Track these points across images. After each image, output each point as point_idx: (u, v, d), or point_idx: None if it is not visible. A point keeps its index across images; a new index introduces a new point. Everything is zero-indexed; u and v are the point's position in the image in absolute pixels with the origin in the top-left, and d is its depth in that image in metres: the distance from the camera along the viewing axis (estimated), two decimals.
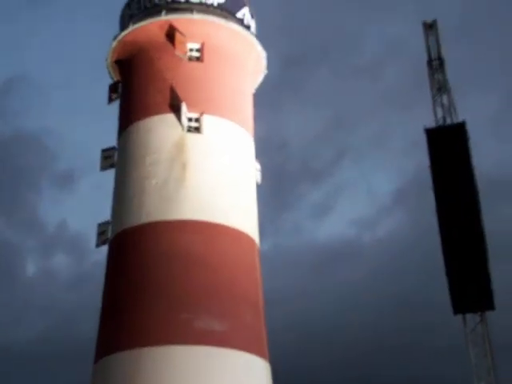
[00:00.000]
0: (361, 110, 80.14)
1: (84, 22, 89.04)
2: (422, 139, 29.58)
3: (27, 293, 72.33)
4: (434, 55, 30.97)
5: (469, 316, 28.60)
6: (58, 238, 79.25)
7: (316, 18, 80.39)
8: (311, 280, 66.89)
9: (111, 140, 35.54)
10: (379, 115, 79.84)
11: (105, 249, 33.46)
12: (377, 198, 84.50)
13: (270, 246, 72.47)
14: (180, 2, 35.24)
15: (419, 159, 35.64)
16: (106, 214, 34.19)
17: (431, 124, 29.93)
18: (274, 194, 75.82)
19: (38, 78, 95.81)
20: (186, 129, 32.62)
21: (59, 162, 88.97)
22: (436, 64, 30.91)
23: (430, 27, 31.21)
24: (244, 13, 36.60)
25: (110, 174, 34.87)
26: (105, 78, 37.51)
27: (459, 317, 28.58)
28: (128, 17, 36.27)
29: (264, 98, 74.31)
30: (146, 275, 30.48)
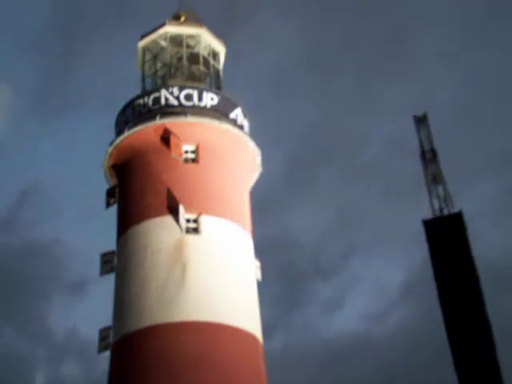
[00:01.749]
0: (366, 206, 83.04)
1: (92, 131, 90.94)
2: None
3: None
4: (426, 147, 31.49)
5: None
6: (68, 345, 78.51)
7: (321, 122, 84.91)
8: (321, 376, 67.21)
9: (111, 244, 35.60)
10: (383, 210, 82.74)
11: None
12: (386, 291, 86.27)
13: (280, 343, 75.00)
14: (174, 106, 35.93)
15: (425, 250, 36.19)
16: None
17: (429, 215, 30.20)
18: (285, 291, 79.51)
19: (51, 189, 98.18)
20: (184, 230, 32.76)
21: (69, 271, 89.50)
22: (429, 156, 31.40)
23: (420, 120, 31.82)
24: (237, 113, 37.29)
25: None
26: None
27: None
28: (123, 122, 36.90)
29: (272, 198, 76.82)
30: (149, 379, 30.02)
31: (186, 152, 35.12)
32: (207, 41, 39.95)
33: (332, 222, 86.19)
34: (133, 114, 36.70)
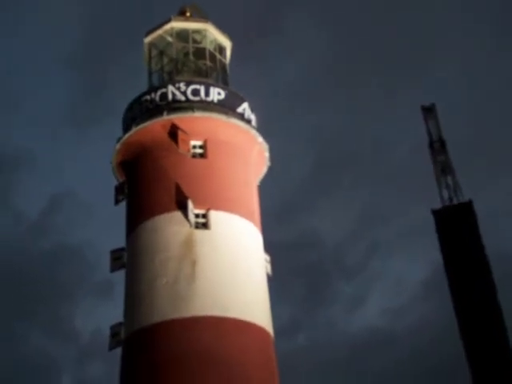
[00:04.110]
0: (387, 205, 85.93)
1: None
2: None
3: None
4: (435, 137, 31.28)
5: None
6: (94, 346, 79.14)
7: (345, 127, 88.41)
8: (346, 372, 68.48)
9: (121, 241, 35.61)
10: (404, 208, 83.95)
11: None
12: (408, 287, 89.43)
13: (305, 341, 77.32)
14: (181, 102, 35.86)
15: None
16: None
17: (439, 205, 30.05)
18: (309, 291, 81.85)
19: (82, 195, 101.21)
20: (193, 225, 32.69)
21: (97, 273, 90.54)
22: (437, 146, 31.20)
23: (428, 110, 31.61)
24: (244, 107, 37.20)
25: None
26: None
27: None
28: (130, 119, 36.86)
29: (297, 200, 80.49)
30: (162, 375, 29.99)
31: (194, 147, 35.06)
32: (213, 35, 39.81)
33: (354, 223, 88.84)
34: (140, 110, 36.63)
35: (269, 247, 36.00)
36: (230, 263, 32.46)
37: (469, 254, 28.47)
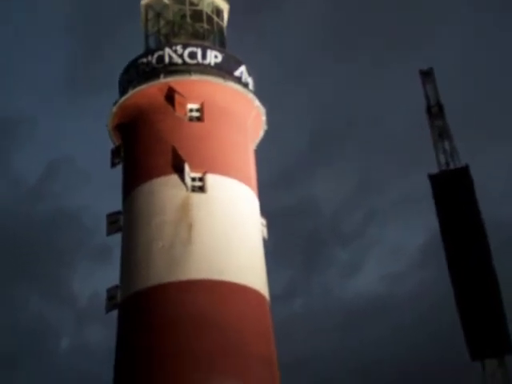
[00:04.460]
0: (385, 173, 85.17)
1: None
2: None
3: (62, 366, 72.53)
4: (432, 102, 31.12)
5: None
6: (92, 310, 79.79)
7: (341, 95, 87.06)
8: (342, 338, 69.46)
9: (119, 205, 35.53)
10: (402, 176, 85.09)
11: None
12: (405, 253, 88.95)
13: (301, 307, 77.22)
14: (177, 64, 35.59)
15: None
16: None
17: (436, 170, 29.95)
18: (305, 257, 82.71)
19: (79, 160, 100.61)
20: (190, 189, 32.64)
21: (95, 238, 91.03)
22: (435, 110, 31.03)
23: (426, 74, 31.42)
24: (241, 71, 36.94)
25: None
26: None
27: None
28: (127, 82, 36.61)
29: (296, 168, 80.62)
30: (157, 337, 30.15)
31: (191, 110, 34.85)
32: None
33: (351, 190, 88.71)
34: (136, 73, 36.35)
35: (266, 213, 36.05)
36: (226, 227, 32.44)
37: (465, 219, 28.47)
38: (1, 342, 69.22)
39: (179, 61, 35.68)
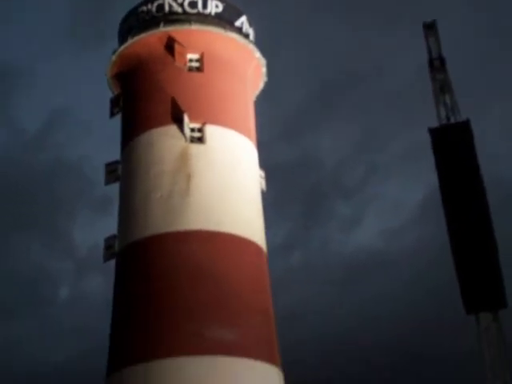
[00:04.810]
0: (388, 128, 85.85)
1: None
2: None
3: (61, 316, 72.76)
4: (434, 55, 30.82)
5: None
6: (91, 259, 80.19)
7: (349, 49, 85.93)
8: (340, 292, 69.55)
9: (115, 154, 35.43)
10: (404, 131, 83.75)
11: None
12: (405, 209, 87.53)
13: (300, 260, 77.03)
14: (178, 14, 35.22)
15: None
16: None
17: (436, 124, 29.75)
18: (305, 210, 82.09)
19: (81, 111, 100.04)
20: (188, 139, 32.47)
21: (96, 188, 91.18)
22: (437, 63, 30.74)
23: (429, 27, 31.08)
24: (242, 21, 36.60)
25: None
26: None
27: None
28: (126, 31, 36.25)
29: (298, 121, 79.69)
30: (154, 287, 30.25)
31: (191, 60, 34.54)
32: None
33: (353, 144, 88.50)
34: (136, 21, 36.02)
35: (267, 166, 35.96)
36: (224, 178, 32.37)
37: (464, 173, 28.37)
38: (0, 291, 69.87)
39: (179, 10, 35.32)
